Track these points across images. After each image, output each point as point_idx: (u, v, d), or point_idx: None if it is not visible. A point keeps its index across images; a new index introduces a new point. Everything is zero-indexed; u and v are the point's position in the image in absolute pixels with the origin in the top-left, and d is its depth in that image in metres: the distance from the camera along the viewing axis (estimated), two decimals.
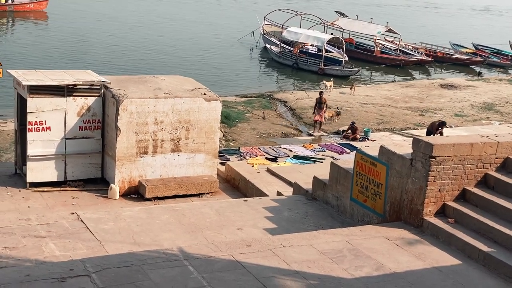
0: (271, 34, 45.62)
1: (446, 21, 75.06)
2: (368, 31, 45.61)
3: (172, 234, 11.32)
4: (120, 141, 14.61)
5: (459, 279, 9.11)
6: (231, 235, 11.32)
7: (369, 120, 27.00)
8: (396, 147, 11.42)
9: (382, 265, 9.37)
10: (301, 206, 13.00)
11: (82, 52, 38.90)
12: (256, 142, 22.82)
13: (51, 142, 14.72)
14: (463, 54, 48.44)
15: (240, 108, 27.47)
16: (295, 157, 18.95)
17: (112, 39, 44.64)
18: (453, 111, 30.16)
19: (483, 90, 35.85)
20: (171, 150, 15.22)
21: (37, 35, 44.16)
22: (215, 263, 9.04)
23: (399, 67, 43.05)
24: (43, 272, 8.43)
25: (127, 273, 8.52)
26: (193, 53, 42.50)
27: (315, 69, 38.95)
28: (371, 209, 11.63)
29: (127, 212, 12.28)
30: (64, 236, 10.78)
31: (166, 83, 15.89)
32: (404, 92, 34.09)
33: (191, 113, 15.24)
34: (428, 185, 10.42)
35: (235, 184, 16.28)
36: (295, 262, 9.24)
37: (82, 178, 15.17)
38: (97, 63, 34.54)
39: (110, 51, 40.46)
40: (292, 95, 31.18)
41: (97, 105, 15.00)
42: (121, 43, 43.22)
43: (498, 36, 60.36)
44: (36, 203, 13.94)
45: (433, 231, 10.39)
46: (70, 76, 15.19)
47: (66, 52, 38.76)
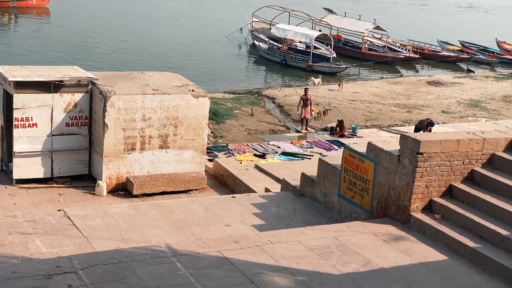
0: (260, 31, 45.60)
1: (432, 18, 75.31)
2: (356, 28, 45.71)
3: (160, 230, 11.30)
4: (108, 138, 14.56)
5: (446, 275, 9.16)
6: (219, 232, 11.32)
7: (357, 117, 27.07)
8: (383, 143, 11.47)
9: (369, 261, 9.40)
10: (289, 202, 13.02)
11: (80, 48, 38.92)
12: (244, 138, 22.81)
13: (38, 138, 14.64)
14: (450, 51, 48.67)
15: (228, 104, 27.46)
16: (283, 153, 18.96)
17: (107, 35, 44.53)
18: (440, 108, 30.31)
19: (469, 87, 36.04)
20: (159, 147, 15.18)
21: (39, 32, 44.09)
22: (203, 259, 9.03)
23: (386, 64, 43.19)
24: (30, 269, 8.39)
25: (115, 269, 8.50)
26: (182, 50, 42.41)
27: (303, 65, 38.97)
28: (358, 205, 11.67)
29: (114, 209, 12.24)
30: (50, 233, 10.73)
31: (154, 80, 15.85)
32: (392, 89, 34.21)
33: (179, 109, 15.21)
34: (415, 181, 10.47)
35: (223, 180, 16.27)
36: (283, 258, 9.25)
37: (69, 175, 15.10)
38: (90, 59, 34.46)
39: (106, 47, 40.40)
40: (280, 92, 31.19)
41: (84, 101, 14.92)
42: (112, 39, 43.11)
43: (484, 33, 60.66)
44: (22, 199, 13.86)
45: (420, 227, 10.44)
46: (57, 72, 15.11)
47: (66, 48, 38.75)
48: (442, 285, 8.90)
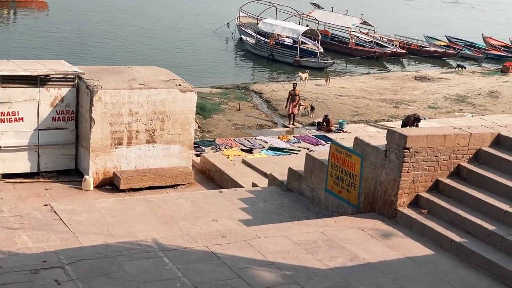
0: (247, 26, 45.55)
1: (418, 14, 75.53)
2: (343, 23, 45.78)
3: (147, 225, 11.28)
4: (94, 132, 14.50)
5: (432, 269, 9.22)
6: (206, 226, 11.32)
7: (344, 112, 27.13)
8: (370, 138, 11.50)
9: (356, 256, 9.44)
10: (276, 197, 13.03)
11: (75, 43, 38.79)
12: (231, 133, 22.80)
13: (24, 133, 14.55)
14: (437, 47, 48.87)
15: (216, 99, 27.42)
16: (270, 148, 18.98)
17: (101, 29, 44.44)
18: (427, 103, 30.44)
19: (456, 83, 36.22)
20: (146, 141, 15.14)
21: (36, 26, 43.97)
22: (190, 254, 9.03)
23: (373, 59, 43.29)
24: (16, 264, 8.35)
25: (101, 264, 8.48)
26: (169, 44, 42.27)
27: (290, 60, 38.99)
28: (345, 200, 11.71)
29: (101, 204, 12.20)
30: (37, 227, 10.68)
31: (141, 74, 15.79)
32: (379, 84, 34.31)
33: (166, 104, 15.17)
34: (402, 176, 10.52)
35: (210, 175, 16.26)
36: (270, 253, 9.27)
37: (55, 170, 15.03)
38: (77, 54, 34.24)
39: (98, 41, 40.33)
40: (268, 87, 31.19)
41: (71, 95, 14.85)
42: (103, 33, 42.97)
43: (470, 29, 60.95)
44: (8, 194, 13.78)
45: (407, 221, 10.49)
46: (43, 66, 15.01)
47: (63, 42, 38.62)
48: (428, 279, 8.95)
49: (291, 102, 24.82)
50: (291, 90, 25.09)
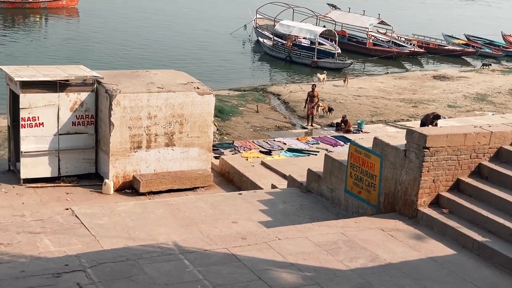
0: (264, 28, 45.54)
1: (435, 12, 75.06)
2: (360, 23, 45.59)
3: (167, 228, 11.32)
4: (114, 136, 14.57)
5: (454, 269, 9.15)
6: (226, 229, 11.33)
7: (362, 112, 27.03)
8: (389, 138, 11.44)
9: (377, 256, 9.39)
10: (296, 198, 13.01)
11: (92, 48, 39.35)
12: (250, 135, 22.81)
13: (44, 138, 14.67)
14: (456, 45, 48.50)
15: (234, 101, 27.45)
16: (289, 150, 18.95)
17: (123, 34, 45.05)
18: (446, 102, 30.22)
19: (475, 81, 35.92)
20: (165, 145, 15.19)
21: (66, 32, 44.86)
22: (211, 256, 9.04)
23: (391, 59, 43.06)
24: (38, 268, 8.42)
25: (123, 267, 8.51)
26: (186, 47, 42.41)
27: (308, 62, 38.92)
28: (365, 200, 11.66)
29: (121, 207, 12.27)
30: (58, 231, 10.76)
31: (159, 78, 15.85)
32: (397, 84, 34.13)
33: (185, 107, 15.22)
34: (422, 176, 10.45)
35: (229, 177, 16.27)
36: (290, 255, 9.25)
37: (76, 174, 15.13)
38: (92, 59, 34.48)
39: (121, 46, 40.86)
40: (285, 88, 31.16)
41: (90, 100, 14.95)
42: (124, 39, 43.43)
43: (489, 27, 60.45)
44: (30, 199, 13.90)
45: (428, 221, 10.42)
46: (63, 71, 15.13)
47: (82, 48, 39.26)
48: (450, 279, 8.88)
49: (309, 103, 24.80)
50: (310, 91, 25.07)
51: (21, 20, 48.15)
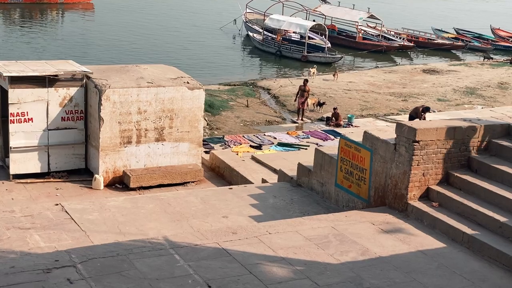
0: (254, 22, 45.49)
1: (423, 6, 75.18)
2: (350, 17, 45.63)
3: (158, 223, 11.31)
4: (104, 131, 14.53)
5: (444, 262, 9.19)
6: (217, 223, 11.33)
7: (352, 107, 27.07)
8: (379, 132, 11.47)
9: (367, 250, 9.42)
10: (286, 193, 13.03)
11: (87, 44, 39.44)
12: (240, 130, 22.80)
13: (34, 133, 14.60)
14: (445, 39, 48.62)
15: (224, 96, 27.42)
16: (279, 144, 18.96)
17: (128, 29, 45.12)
18: (436, 96, 30.32)
19: (465, 75, 36.04)
20: (155, 140, 15.16)
21: (81, 27, 45.77)
22: (201, 251, 9.04)
23: (381, 53, 43.13)
24: (28, 263, 8.39)
25: (113, 262, 8.50)
26: (176, 42, 42.31)
27: (298, 56, 38.92)
28: (355, 194, 11.68)
29: (111, 202, 12.24)
30: (48, 227, 10.73)
31: (149, 72, 15.80)
32: (387, 78, 34.19)
33: (175, 102, 15.19)
34: (412, 170, 10.48)
35: (220, 172, 16.27)
36: (281, 249, 9.26)
37: (65, 169, 15.08)
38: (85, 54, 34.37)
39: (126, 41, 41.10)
40: (275, 83, 31.16)
41: (80, 95, 14.89)
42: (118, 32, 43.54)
43: (475, 20, 60.62)
44: (19, 195, 13.85)
45: (418, 215, 10.46)
46: (52, 66, 15.06)
47: (105, 43, 39.78)
48: (440, 272, 8.93)
49: (300, 97, 24.78)
50: (302, 86, 25.01)
51: (38, 16, 49.08)
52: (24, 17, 48.20)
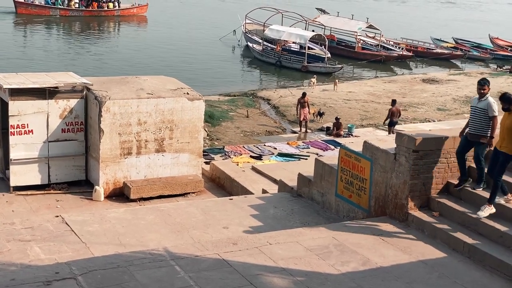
0: (253, 33, 45.63)
1: (419, 15, 75.50)
2: (349, 27, 45.80)
3: (158, 234, 11.29)
4: (104, 143, 14.54)
5: (445, 272, 9.17)
6: (217, 234, 11.32)
7: (352, 116, 27.11)
8: (379, 142, 11.48)
9: (368, 260, 9.40)
10: (287, 203, 13.02)
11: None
12: (240, 140, 22.82)
13: (34, 145, 14.61)
14: (444, 49, 48.75)
15: (224, 107, 27.47)
16: (279, 154, 18.96)
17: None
18: (436, 105, 30.37)
19: (464, 84, 36.13)
20: (155, 151, 15.17)
21: (134, 38, 47.73)
22: (202, 262, 9.03)
23: (380, 62, 43.25)
24: (29, 275, 8.37)
25: (114, 274, 8.48)
26: (176, 53, 42.41)
27: (298, 66, 39.02)
28: (356, 204, 11.68)
29: (112, 214, 12.23)
30: (49, 239, 10.71)
31: (149, 84, 15.83)
32: (387, 87, 34.27)
33: (175, 113, 15.20)
34: (412, 179, 10.48)
35: (220, 183, 16.26)
36: (282, 259, 9.25)
37: (66, 181, 15.07)
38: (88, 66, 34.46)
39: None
40: (275, 93, 31.22)
41: (80, 107, 14.91)
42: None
43: (472, 29, 60.79)
44: (20, 207, 13.83)
45: (418, 224, 10.45)
46: (52, 78, 15.09)
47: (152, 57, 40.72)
48: (441, 282, 8.91)
49: (301, 108, 24.75)
50: (301, 98, 24.99)
51: (96, 27, 51.46)
52: (83, 29, 50.24)
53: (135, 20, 55.58)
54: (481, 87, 10.40)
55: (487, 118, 10.23)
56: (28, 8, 52.84)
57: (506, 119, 9.89)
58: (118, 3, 56.43)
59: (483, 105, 10.29)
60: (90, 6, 54.73)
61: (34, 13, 52.44)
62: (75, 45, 43.73)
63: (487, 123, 10.23)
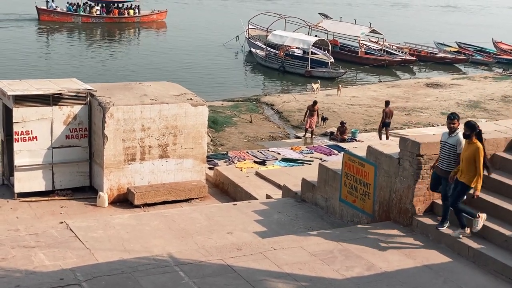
0: (256, 38, 45.67)
1: (418, 19, 75.55)
2: (352, 32, 45.81)
3: (162, 240, 11.29)
4: (108, 149, 14.56)
5: (450, 277, 9.15)
6: (221, 240, 11.31)
7: (356, 121, 27.09)
8: (383, 146, 11.47)
9: (373, 265, 9.39)
10: (291, 208, 13.01)
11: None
12: (244, 146, 22.82)
13: (38, 151, 14.64)
14: (447, 53, 48.72)
15: (227, 112, 27.48)
16: (283, 159, 18.95)
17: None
18: (439, 109, 30.33)
19: (468, 88, 36.08)
20: (159, 156, 15.18)
21: (155, 45, 48.17)
22: (206, 267, 9.02)
23: (383, 67, 43.23)
24: (33, 282, 8.38)
25: (118, 280, 8.48)
26: (179, 59, 42.48)
27: (301, 71, 39.03)
28: (360, 209, 11.66)
29: (116, 220, 12.24)
30: (53, 245, 10.72)
31: (152, 89, 15.86)
32: (390, 92, 34.24)
33: (178, 118, 15.22)
34: (416, 184, 10.46)
35: (224, 188, 16.26)
36: (286, 265, 9.24)
37: (70, 187, 15.08)
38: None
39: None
40: (279, 98, 31.23)
41: (83, 113, 14.93)
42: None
43: (476, 33, 60.76)
44: (24, 213, 13.85)
45: (423, 229, 10.43)
46: (55, 85, 15.12)
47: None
48: (446, 287, 8.88)
49: (309, 116, 24.57)
50: (311, 106, 24.80)
51: (117, 34, 52.35)
52: (104, 36, 51.17)
53: (154, 26, 56.35)
54: (451, 121, 10.02)
55: (456, 154, 9.89)
56: (50, 15, 53.77)
57: (465, 151, 9.60)
58: (138, 10, 57.12)
59: (452, 141, 9.95)
60: (111, 13, 55.68)
61: (56, 20, 53.39)
62: (92, 51, 44.24)
63: (455, 159, 9.90)
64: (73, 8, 54.77)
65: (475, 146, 9.55)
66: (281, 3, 78.34)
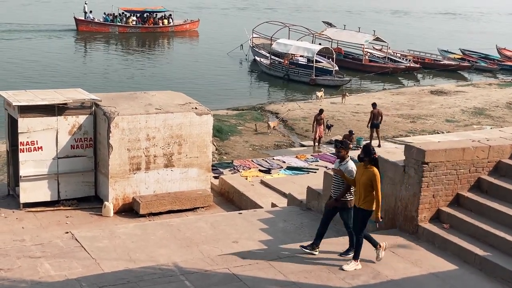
0: (260, 47, 45.74)
1: (420, 26, 75.57)
2: (356, 40, 45.85)
3: (168, 249, 11.28)
4: (113, 158, 14.57)
5: (456, 284, 9.11)
6: (227, 248, 11.29)
7: (361, 129, 27.06)
8: (388, 154, 11.45)
9: (379, 273, 9.36)
10: (296, 217, 12.99)
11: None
12: (249, 154, 22.81)
13: (43, 162, 14.66)
14: (451, 60, 48.69)
15: (232, 121, 27.50)
16: (288, 168, 18.95)
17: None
18: (444, 117, 30.29)
19: (473, 95, 36.04)
20: (164, 166, 15.19)
21: (187, 54, 48.77)
22: (212, 277, 9.01)
23: (387, 75, 43.21)
24: None
25: None
26: (183, 68, 42.57)
27: (306, 80, 39.05)
28: None
29: (121, 229, 12.24)
30: (59, 255, 10.72)
31: (157, 99, 15.89)
32: (395, 99, 34.23)
33: (183, 127, 15.24)
34: (421, 191, 10.44)
35: (229, 197, 16.25)
36: (292, 273, 9.22)
37: (75, 197, 15.10)
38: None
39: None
40: (283, 107, 31.24)
41: (89, 123, 14.97)
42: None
43: (479, 40, 60.73)
44: (30, 223, 13.86)
45: (429, 237, 10.40)
46: (60, 95, 15.17)
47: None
48: None
49: (317, 125, 24.53)
50: (317, 115, 24.77)
51: (152, 43, 53.52)
52: (138, 45, 52.32)
53: (187, 36, 57.31)
54: (337, 150, 9.91)
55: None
56: (88, 25, 54.68)
57: (361, 175, 9.38)
58: (171, 19, 57.91)
59: (342, 169, 9.82)
60: (147, 23, 56.72)
61: (94, 30, 54.30)
62: (128, 60, 44.92)
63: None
64: (110, 18, 55.72)
65: (371, 172, 9.29)
66: (281, 12, 78.57)
